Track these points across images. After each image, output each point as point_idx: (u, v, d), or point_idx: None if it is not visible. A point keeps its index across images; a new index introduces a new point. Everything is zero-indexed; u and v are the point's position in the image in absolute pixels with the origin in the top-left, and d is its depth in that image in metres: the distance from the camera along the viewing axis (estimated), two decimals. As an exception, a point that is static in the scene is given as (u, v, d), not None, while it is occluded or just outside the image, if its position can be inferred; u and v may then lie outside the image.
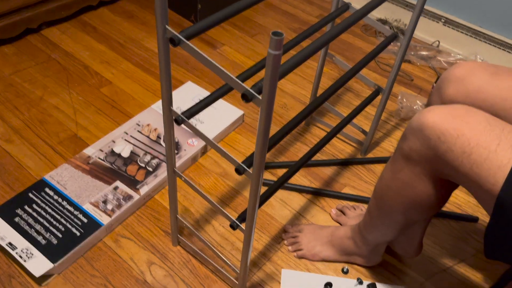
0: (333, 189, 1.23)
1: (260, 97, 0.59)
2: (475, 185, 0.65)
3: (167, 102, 0.75)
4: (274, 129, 1.38)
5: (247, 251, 0.85)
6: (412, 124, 0.72)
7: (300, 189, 1.21)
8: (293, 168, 0.96)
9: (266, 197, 0.87)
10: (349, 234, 1.02)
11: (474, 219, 1.17)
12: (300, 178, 1.25)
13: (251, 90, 0.60)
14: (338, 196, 1.20)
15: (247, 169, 0.71)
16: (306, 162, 0.99)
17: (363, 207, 1.17)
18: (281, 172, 1.26)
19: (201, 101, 0.80)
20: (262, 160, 0.67)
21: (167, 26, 0.64)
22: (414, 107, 1.46)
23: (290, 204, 1.18)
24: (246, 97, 0.60)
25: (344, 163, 1.30)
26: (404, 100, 1.47)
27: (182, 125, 1.28)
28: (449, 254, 1.10)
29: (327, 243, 1.04)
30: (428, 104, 0.89)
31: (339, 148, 1.35)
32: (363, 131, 1.31)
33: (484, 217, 1.19)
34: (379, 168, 1.30)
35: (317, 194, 1.21)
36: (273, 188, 0.92)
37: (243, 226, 0.82)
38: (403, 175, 0.76)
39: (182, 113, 0.76)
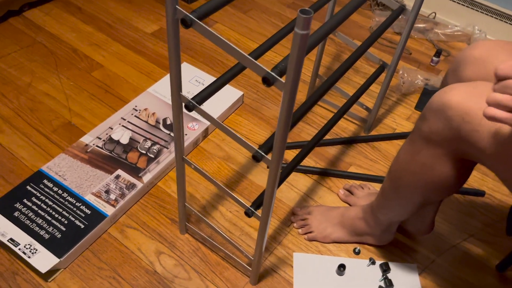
0: (339, 169, 1.21)
1: (283, 80, 0.56)
2: (502, 166, 0.63)
3: (177, 88, 0.71)
4: (275, 110, 1.34)
5: (262, 238, 0.82)
6: (432, 104, 0.69)
7: (306, 170, 1.19)
8: (305, 150, 0.94)
9: (280, 181, 0.84)
10: (360, 215, 1.00)
11: (481, 193, 1.17)
12: (305, 159, 1.22)
13: (273, 73, 0.56)
14: (344, 175, 1.19)
15: (265, 155, 0.68)
16: (317, 143, 0.97)
17: (371, 185, 1.15)
18: (286, 153, 1.23)
19: (210, 85, 0.76)
20: (283, 147, 0.64)
21: (177, 6, 0.60)
22: (416, 82, 1.44)
23: (297, 186, 1.16)
24: (268, 81, 0.56)
25: (348, 142, 1.27)
26: (405, 75, 1.44)
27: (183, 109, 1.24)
28: (458, 230, 1.10)
29: (338, 224, 1.03)
30: (443, 86, 0.86)
31: (342, 126, 1.32)
32: (367, 108, 1.29)
33: (490, 191, 1.18)
34: (383, 145, 1.28)
35: (323, 174, 1.19)
36: (286, 172, 0.89)
37: (258, 212, 0.79)
38: (422, 157, 0.74)
39: (192, 99, 0.72)
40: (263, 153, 0.68)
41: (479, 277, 1.01)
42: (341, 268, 0.98)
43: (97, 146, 1.14)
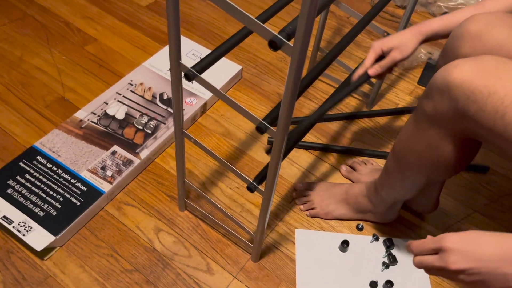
0: (341, 144, 1.18)
1: (291, 43, 0.52)
2: (509, 146, 0.60)
3: (176, 56, 0.67)
4: (275, 85, 1.31)
5: (265, 214, 0.80)
6: (436, 82, 0.66)
7: (307, 146, 1.16)
8: (307, 124, 0.90)
9: (283, 156, 0.81)
10: (364, 192, 0.98)
11: (485, 168, 1.15)
12: (306, 135, 1.19)
13: (280, 36, 0.52)
14: (346, 151, 1.16)
15: (270, 127, 0.65)
16: (319, 119, 0.93)
17: (373, 161, 1.13)
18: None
19: (210, 54, 0.72)
20: (289, 117, 0.61)
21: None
22: (418, 56, 1.40)
23: (298, 162, 1.13)
24: (275, 44, 0.53)
25: (351, 117, 1.24)
26: (408, 48, 1.40)
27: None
28: (463, 206, 1.08)
29: (341, 201, 1.01)
30: (441, 63, 0.82)
31: (344, 101, 1.29)
32: (370, 83, 1.25)
33: (494, 166, 1.16)
34: (386, 120, 1.25)
35: (325, 150, 1.16)
36: (288, 146, 0.86)
37: (261, 187, 0.77)
38: (426, 136, 0.71)
39: (192, 67, 0.68)
40: (267, 124, 0.65)
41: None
42: (344, 245, 0.96)
43: (92, 121, 1.10)
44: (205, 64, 0.70)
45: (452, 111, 0.64)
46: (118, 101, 1.16)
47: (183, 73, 0.68)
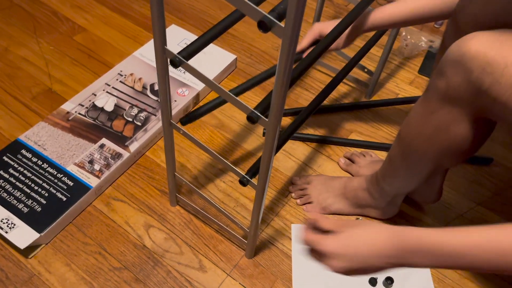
0: (339, 136, 1.14)
1: (282, 24, 0.48)
2: None
3: (160, 40, 0.62)
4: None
5: (259, 208, 0.76)
6: (449, 56, 0.62)
7: (304, 138, 1.11)
8: (304, 114, 0.86)
9: (277, 148, 0.77)
10: (364, 185, 0.94)
11: (489, 160, 1.11)
12: (302, 126, 1.15)
13: (270, 16, 0.48)
14: (345, 143, 1.12)
15: (262, 116, 0.61)
16: (315, 109, 0.89)
17: (373, 153, 1.09)
18: (283, 121, 1.15)
19: (199, 39, 0.67)
20: (281, 105, 0.57)
21: None
22: (419, 44, 1.35)
23: (294, 155, 1.09)
24: (265, 25, 0.48)
25: (349, 108, 1.20)
26: (408, 36, 1.36)
27: (171, 73, 1.16)
28: (466, 198, 1.04)
29: (340, 196, 0.97)
30: (443, 47, 0.78)
31: (342, 91, 1.25)
32: (369, 72, 1.21)
33: (498, 158, 1.12)
34: (386, 111, 1.21)
35: (322, 142, 1.12)
36: (283, 138, 0.82)
37: (254, 181, 0.72)
38: (436, 117, 0.67)
39: (179, 53, 0.64)
40: (259, 114, 0.61)
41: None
42: (343, 240, 0.92)
43: (79, 113, 1.06)
44: (192, 50, 0.66)
45: (466, 85, 0.60)
46: (107, 92, 1.11)
47: (169, 60, 0.64)
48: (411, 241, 0.49)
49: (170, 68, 0.66)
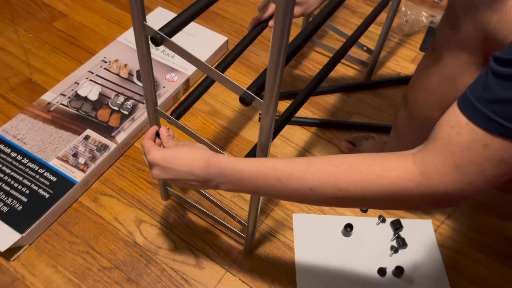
0: (339, 119, 1.07)
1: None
2: None
3: (139, 16, 0.55)
4: (265, 57, 1.19)
5: (257, 199, 0.69)
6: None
7: (302, 122, 1.05)
8: (300, 97, 0.80)
9: (274, 133, 0.70)
10: (368, 168, 0.88)
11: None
12: (300, 110, 1.08)
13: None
14: (346, 125, 1.05)
15: (256, 97, 0.54)
16: (313, 90, 0.82)
17: (375, 135, 1.03)
18: (280, 105, 1.09)
19: (183, 12, 0.60)
20: (277, 83, 0.50)
21: None
22: (420, 19, 1.29)
23: (293, 140, 1.02)
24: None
25: (349, 89, 1.13)
26: (408, 12, 1.29)
27: (159, 58, 1.08)
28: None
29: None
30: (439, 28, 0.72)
31: (341, 72, 1.18)
32: (368, 50, 1.14)
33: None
34: (388, 91, 1.14)
35: (322, 126, 1.05)
36: (280, 122, 0.75)
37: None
38: (443, 68, 0.63)
39: (160, 29, 0.57)
40: (252, 94, 0.54)
41: (499, 229, 0.90)
42: (348, 228, 0.86)
43: (61, 104, 0.99)
44: (176, 25, 0.59)
45: (473, 27, 0.56)
46: (90, 80, 1.04)
47: (149, 37, 0.57)
48: (217, 166, 0.54)
49: (158, 52, 0.59)
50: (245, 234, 0.80)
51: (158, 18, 1.19)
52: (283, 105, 1.08)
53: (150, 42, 0.58)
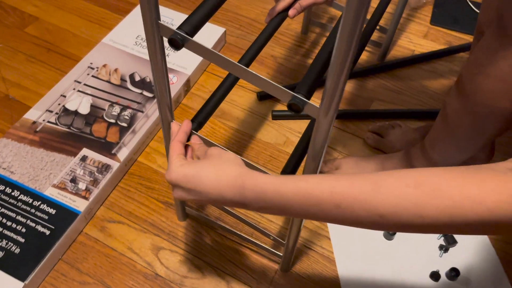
0: (359, 107, 0.98)
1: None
2: None
3: (151, 13, 0.44)
4: (267, 46, 1.08)
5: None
6: None
7: (320, 115, 0.95)
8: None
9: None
10: (406, 161, 0.79)
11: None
12: (314, 101, 0.98)
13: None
14: (367, 114, 0.96)
15: (309, 101, 0.44)
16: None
17: (401, 123, 0.93)
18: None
19: (201, 7, 0.49)
20: (344, 81, 0.40)
21: None
22: (427, -9, 1.19)
23: (313, 136, 0.92)
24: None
25: (364, 73, 1.04)
26: (414, -17, 1.19)
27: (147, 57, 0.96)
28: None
29: (377, 178, 0.81)
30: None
31: (351, 55, 1.08)
32: (381, 29, 1.04)
33: None
34: (405, 72, 1.05)
35: (342, 117, 0.96)
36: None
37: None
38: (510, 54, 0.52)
39: (179, 28, 0.46)
40: (305, 99, 0.44)
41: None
42: (391, 231, 0.77)
43: (49, 122, 0.86)
44: (196, 21, 0.48)
45: None
46: (78, 91, 0.91)
47: (166, 40, 0.46)
48: (253, 189, 0.45)
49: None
50: (283, 252, 0.70)
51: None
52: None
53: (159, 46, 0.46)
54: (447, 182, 0.39)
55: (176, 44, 0.45)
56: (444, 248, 0.77)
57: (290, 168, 0.58)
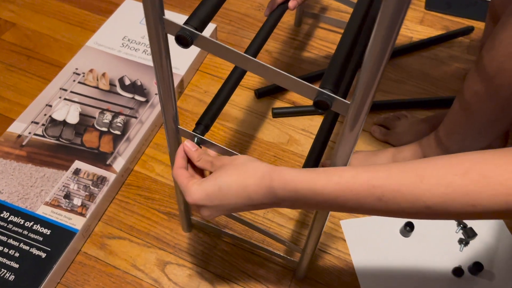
0: (362, 100, 0.94)
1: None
2: None
3: (155, 7, 0.39)
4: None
5: (324, 217, 0.55)
6: None
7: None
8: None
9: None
10: (419, 153, 0.75)
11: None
12: (316, 96, 0.94)
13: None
14: (371, 106, 0.92)
15: (339, 98, 0.39)
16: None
17: (407, 113, 0.90)
18: (288, 96, 0.94)
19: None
20: (382, 71, 0.36)
21: None
22: (419, -24, 1.16)
23: (315, 132, 0.88)
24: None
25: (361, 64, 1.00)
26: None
27: (140, 57, 0.91)
28: (524, 146, 0.88)
29: (390, 172, 0.78)
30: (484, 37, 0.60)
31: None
32: (378, 17, 1.00)
33: None
34: (404, 61, 1.02)
35: (345, 111, 0.91)
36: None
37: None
38: None
39: (186, 23, 0.41)
40: (334, 95, 0.39)
41: None
42: (408, 228, 0.74)
43: (35, 134, 0.80)
44: (204, 15, 0.43)
45: None
46: (65, 99, 0.85)
47: (174, 37, 0.41)
48: (284, 188, 0.42)
49: (138, 53, 0.43)
50: (300, 258, 0.66)
51: (129, 14, 1.01)
52: (294, 94, 0.94)
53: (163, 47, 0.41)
54: (496, 166, 0.35)
55: (185, 41, 0.40)
56: (464, 242, 0.74)
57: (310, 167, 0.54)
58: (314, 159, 0.56)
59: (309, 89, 0.40)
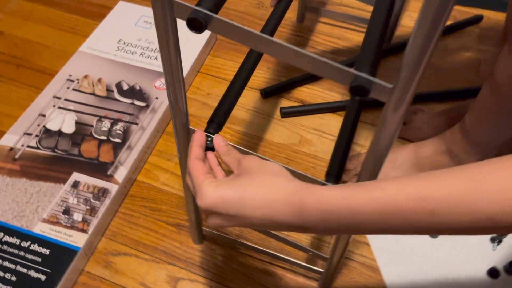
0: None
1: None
2: None
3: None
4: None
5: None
6: None
7: (331, 108, 0.86)
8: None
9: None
10: (442, 147, 0.71)
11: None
12: (326, 93, 0.89)
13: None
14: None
15: (380, 81, 0.34)
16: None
17: (421, 107, 0.85)
18: (298, 91, 0.89)
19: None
20: (432, 48, 0.31)
21: None
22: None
23: (330, 132, 0.83)
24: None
25: (371, 58, 0.95)
26: (409, -41, 1.12)
27: (137, 60, 0.85)
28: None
29: (412, 168, 0.73)
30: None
31: (355, 40, 1.00)
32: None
33: None
34: (414, 52, 0.97)
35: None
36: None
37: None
38: None
39: (199, 5, 0.35)
40: (371, 78, 0.34)
41: None
42: (436, 228, 0.69)
43: (29, 146, 0.74)
44: (218, -4, 0.37)
45: None
46: (59, 108, 0.80)
47: (184, 22, 0.35)
48: (317, 208, 0.35)
49: (136, 56, 0.38)
50: (325, 267, 0.61)
51: (123, 15, 0.96)
52: (302, 91, 0.89)
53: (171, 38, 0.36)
54: None
55: (198, 25, 0.35)
56: (496, 240, 0.69)
57: (335, 171, 0.49)
58: (338, 163, 0.50)
59: (344, 73, 0.35)
